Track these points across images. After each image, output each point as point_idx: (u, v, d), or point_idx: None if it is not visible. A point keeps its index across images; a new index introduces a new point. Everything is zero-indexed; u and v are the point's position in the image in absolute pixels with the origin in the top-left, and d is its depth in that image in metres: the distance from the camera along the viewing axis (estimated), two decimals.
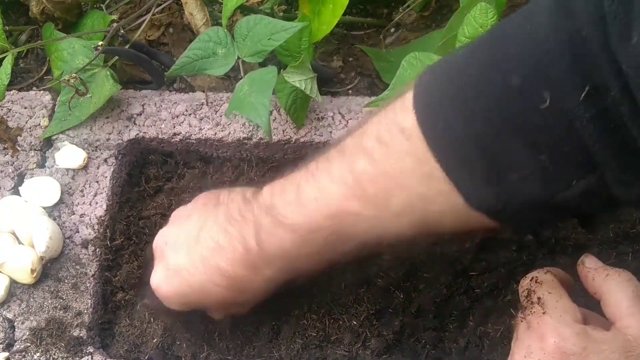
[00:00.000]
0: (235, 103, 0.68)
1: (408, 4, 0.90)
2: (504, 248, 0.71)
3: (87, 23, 0.89)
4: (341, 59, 0.91)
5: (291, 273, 0.61)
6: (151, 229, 0.75)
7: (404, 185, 0.51)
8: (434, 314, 0.70)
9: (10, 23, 0.96)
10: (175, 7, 0.95)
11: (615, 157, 0.42)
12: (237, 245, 0.59)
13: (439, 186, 0.49)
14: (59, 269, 0.72)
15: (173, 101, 0.80)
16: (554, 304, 0.55)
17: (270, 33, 0.69)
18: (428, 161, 0.49)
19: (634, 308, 0.54)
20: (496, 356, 0.68)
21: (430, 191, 0.50)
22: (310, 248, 0.57)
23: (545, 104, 0.42)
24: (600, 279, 0.57)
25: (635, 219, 0.73)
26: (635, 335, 0.53)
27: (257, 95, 0.64)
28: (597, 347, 0.52)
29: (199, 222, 0.62)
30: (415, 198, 0.51)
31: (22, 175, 0.77)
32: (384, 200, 0.52)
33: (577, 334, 0.52)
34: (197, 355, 0.70)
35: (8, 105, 0.81)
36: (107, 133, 0.78)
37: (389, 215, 0.53)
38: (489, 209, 0.49)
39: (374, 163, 0.52)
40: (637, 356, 0.52)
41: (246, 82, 0.68)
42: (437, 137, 0.48)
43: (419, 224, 0.53)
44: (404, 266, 0.70)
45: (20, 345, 0.68)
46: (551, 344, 0.53)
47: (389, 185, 0.52)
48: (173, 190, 0.77)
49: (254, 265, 0.59)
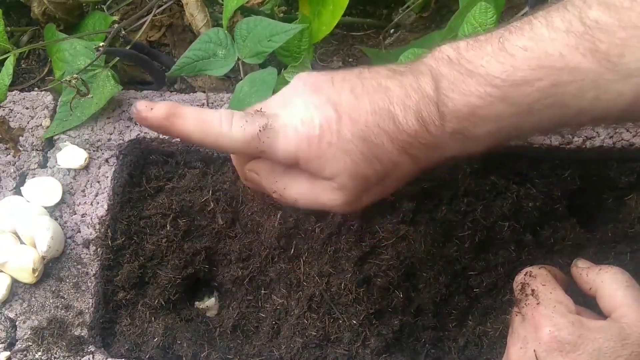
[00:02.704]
0: (235, 103, 0.68)
1: (407, 5, 0.90)
2: (503, 248, 0.72)
3: (89, 24, 0.90)
4: (341, 60, 0.91)
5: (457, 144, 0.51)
6: (152, 228, 0.75)
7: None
8: (434, 314, 0.70)
9: (11, 24, 0.97)
10: (176, 8, 0.95)
11: None
12: (410, 89, 0.49)
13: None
14: (60, 268, 0.72)
15: (174, 102, 0.81)
16: (548, 295, 0.55)
17: (270, 34, 0.69)
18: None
19: (628, 298, 0.54)
20: (495, 355, 0.69)
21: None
22: (504, 109, 0.48)
23: None
24: (593, 274, 0.58)
25: (633, 219, 0.73)
26: (630, 323, 0.53)
27: (257, 96, 0.64)
28: (592, 336, 0.52)
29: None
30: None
31: (24, 175, 0.77)
32: (616, 57, 0.45)
33: (571, 323, 0.53)
34: (197, 354, 0.70)
35: (10, 106, 0.82)
36: (108, 133, 0.79)
37: (615, 76, 0.45)
38: None
39: (613, 11, 0.45)
40: (633, 344, 0.52)
41: (246, 83, 0.68)
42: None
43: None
44: (403, 266, 0.71)
45: (22, 345, 0.69)
46: (546, 333, 0.53)
47: (629, 38, 0.44)
48: (174, 190, 0.77)
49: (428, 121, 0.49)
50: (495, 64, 0.47)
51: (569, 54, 0.46)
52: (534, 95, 0.47)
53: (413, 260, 0.71)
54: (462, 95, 0.48)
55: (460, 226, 0.72)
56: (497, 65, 0.47)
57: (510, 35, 0.48)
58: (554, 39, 0.46)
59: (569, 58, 0.46)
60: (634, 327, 0.53)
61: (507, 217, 0.72)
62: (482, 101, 0.48)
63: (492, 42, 0.48)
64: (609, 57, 0.45)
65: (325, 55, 0.91)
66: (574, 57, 0.46)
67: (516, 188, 0.72)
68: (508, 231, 0.71)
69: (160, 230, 0.75)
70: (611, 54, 0.45)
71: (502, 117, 0.48)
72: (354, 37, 0.93)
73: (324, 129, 0.50)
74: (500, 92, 0.47)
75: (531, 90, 0.47)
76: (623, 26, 0.44)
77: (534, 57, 0.46)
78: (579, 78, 0.46)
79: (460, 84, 0.48)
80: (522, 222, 0.72)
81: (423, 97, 0.49)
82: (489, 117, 0.48)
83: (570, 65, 0.46)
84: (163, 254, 0.74)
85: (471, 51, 0.48)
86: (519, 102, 0.47)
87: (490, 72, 0.47)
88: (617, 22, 0.45)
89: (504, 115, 0.48)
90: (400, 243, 0.72)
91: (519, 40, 0.47)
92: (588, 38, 0.45)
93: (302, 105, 0.51)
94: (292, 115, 0.51)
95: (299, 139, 0.51)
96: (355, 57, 0.91)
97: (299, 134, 0.51)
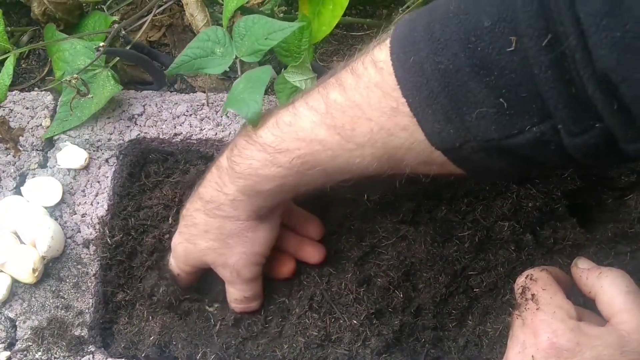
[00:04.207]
0: (230, 100, 0.68)
1: (407, 5, 0.90)
2: (503, 248, 0.72)
3: (89, 24, 0.90)
4: (341, 60, 0.91)
5: (256, 197, 0.61)
6: (153, 219, 0.75)
7: (370, 117, 0.52)
8: (434, 314, 0.70)
9: (11, 24, 0.97)
10: (176, 8, 0.95)
11: (567, 106, 0.43)
12: (212, 168, 0.64)
13: (402, 121, 0.51)
14: (60, 268, 0.72)
15: (174, 102, 0.81)
16: (548, 300, 0.55)
17: (267, 32, 0.69)
18: (395, 95, 0.50)
19: (628, 304, 0.54)
20: (495, 355, 0.69)
21: (394, 125, 0.51)
22: (277, 170, 0.58)
23: (511, 47, 0.44)
24: (593, 277, 0.58)
25: (633, 219, 0.73)
26: (629, 330, 0.53)
27: (250, 92, 0.64)
28: (591, 343, 0.52)
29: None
30: (379, 130, 0.52)
31: (24, 175, 0.78)
32: (350, 130, 0.53)
33: (570, 329, 0.53)
34: (192, 354, 0.70)
35: (10, 106, 0.82)
36: (108, 133, 0.79)
37: (353, 146, 0.54)
38: (447, 147, 0.50)
39: (344, 93, 0.54)
40: (632, 351, 0.52)
41: (242, 81, 0.68)
42: (406, 72, 0.49)
43: (381, 157, 0.54)
44: (403, 266, 0.71)
45: (22, 345, 0.69)
46: (544, 339, 0.53)
47: (355, 115, 0.53)
48: (178, 184, 0.77)
49: (222, 183, 0.62)
50: (269, 135, 0.58)
51: (316, 129, 0.55)
52: (295, 161, 0.56)
53: (413, 260, 0.71)
54: (245, 159, 0.59)
55: (460, 226, 0.72)
56: (269, 136, 0.58)
57: (284, 110, 0.58)
58: (306, 116, 0.56)
59: (316, 132, 0.55)
60: (633, 335, 0.53)
61: (507, 217, 0.72)
62: (259, 164, 0.58)
63: (273, 118, 0.58)
64: (344, 131, 0.54)
65: (325, 55, 0.91)
66: (319, 132, 0.55)
67: (516, 188, 0.72)
68: (508, 231, 0.71)
69: (162, 222, 0.75)
70: (345, 128, 0.54)
71: (278, 177, 0.58)
72: (354, 37, 0.93)
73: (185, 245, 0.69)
74: (272, 157, 0.58)
75: (293, 157, 0.56)
76: (350, 106, 0.53)
77: (294, 131, 0.56)
78: (327, 147, 0.55)
79: (245, 151, 0.59)
80: (522, 222, 0.72)
81: (218, 169, 0.63)
82: (268, 176, 0.58)
83: (319, 137, 0.55)
84: (165, 248, 0.73)
85: (260, 127, 0.59)
86: (286, 165, 0.57)
87: (265, 141, 0.58)
88: (347, 102, 0.53)
89: (279, 176, 0.58)
90: (400, 243, 0.72)
91: (286, 116, 0.57)
92: (329, 116, 0.54)
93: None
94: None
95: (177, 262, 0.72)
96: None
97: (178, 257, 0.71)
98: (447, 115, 0.48)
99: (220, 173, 0.63)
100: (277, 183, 0.59)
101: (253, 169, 0.59)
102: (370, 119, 0.52)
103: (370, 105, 0.52)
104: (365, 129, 0.53)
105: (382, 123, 0.52)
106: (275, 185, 0.59)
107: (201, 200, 0.65)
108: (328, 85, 0.56)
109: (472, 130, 0.48)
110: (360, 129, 0.53)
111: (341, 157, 0.55)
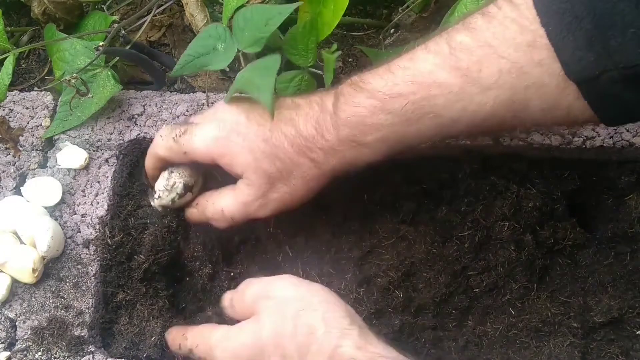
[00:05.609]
0: (238, 84, 0.67)
1: (407, 5, 0.90)
2: (503, 248, 0.72)
3: (89, 24, 0.90)
4: (341, 60, 0.91)
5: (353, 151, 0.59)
6: (152, 217, 0.75)
7: (502, 55, 0.51)
8: (434, 313, 0.70)
9: (11, 24, 0.97)
10: (176, 8, 0.95)
11: None
12: (314, 104, 0.61)
13: (539, 55, 0.50)
14: (60, 268, 0.72)
15: (174, 102, 0.81)
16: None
17: (266, 19, 0.69)
18: (533, 28, 0.49)
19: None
20: (495, 355, 0.69)
21: (529, 61, 0.50)
22: (385, 117, 0.56)
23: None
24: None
25: (633, 219, 0.73)
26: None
27: (260, 77, 0.64)
28: None
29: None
30: (510, 69, 0.51)
31: (24, 175, 0.77)
32: (476, 72, 0.52)
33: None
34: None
35: (10, 106, 0.82)
36: (108, 133, 0.79)
37: (476, 89, 0.53)
38: (585, 76, 0.49)
39: (473, 33, 0.52)
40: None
41: (248, 70, 0.68)
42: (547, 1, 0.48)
43: (505, 102, 0.53)
44: (403, 266, 0.71)
45: (22, 345, 0.69)
46: None
47: (485, 54, 0.52)
48: None
49: (323, 128, 0.59)
50: (379, 80, 0.56)
51: (436, 71, 0.54)
52: (408, 106, 0.55)
53: (413, 260, 0.71)
54: (352, 107, 0.57)
55: (460, 226, 0.72)
56: (380, 81, 0.56)
57: (398, 58, 0.56)
58: (426, 59, 0.55)
59: (437, 74, 0.54)
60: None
61: (507, 217, 0.72)
62: (367, 111, 0.57)
63: (384, 65, 0.57)
64: (469, 72, 0.53)
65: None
66: (440, 74, 0.54)
67: (516, 188, 0.72)
68: (508, 231, 0.71)
69: (163, 218, 0.75)
70: (471, 70, 0.52)
71: (385, 126, 0.56)
72: (354, 37, 0.93)
73: (232, 131, 0.62)
74: (381, 103, 0.56)
75: (406, 102, 0.55)
76: (480, 45, 0.52)
77: (409, 74, 0.55)
78: (445, 91, 0.54)
79: (352, 98, 0.57)
80: (522, 222, 0.72)
81: (322, 110, 0.60)
82: (374, 125, 0.57)
83: (438, 80, 0.54)
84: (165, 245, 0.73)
85: (367, 74, 0.57)
86: (396, 111, 0.55)
87: (374, 87, 0.56)
88: (475, 43, 0.52)
89: (385, 124, 0.56)
90: (400, 243, 0.72)
91: (401, 61, 0.56)
92: (452, 57, 0.53)
93: (222, 114, 0.64)
94: (211, 122, 0.64)
95: (210, 139, 0.63)
96: (355, 57, 0.91)
97: (211, 135, 0.63)
98: (590, 42, 0.47)
99: (324, 115, 0.60)
100: (382, 133, 0.57)
101: (360, 117, 0.57)
102: (502, 56, 0.51)
103: (505, 41, 0.51)
104: (493, 68, 0.51)
105: (515, 59, 0.51)
106: (380, 136, 0.57)
107: (296, 129, 0.61)
108: (451, 30, 0.54)
109: (615, 56, 0.47)
110: (488, 69, 0.52)
111: (460, 103, 0.54)
